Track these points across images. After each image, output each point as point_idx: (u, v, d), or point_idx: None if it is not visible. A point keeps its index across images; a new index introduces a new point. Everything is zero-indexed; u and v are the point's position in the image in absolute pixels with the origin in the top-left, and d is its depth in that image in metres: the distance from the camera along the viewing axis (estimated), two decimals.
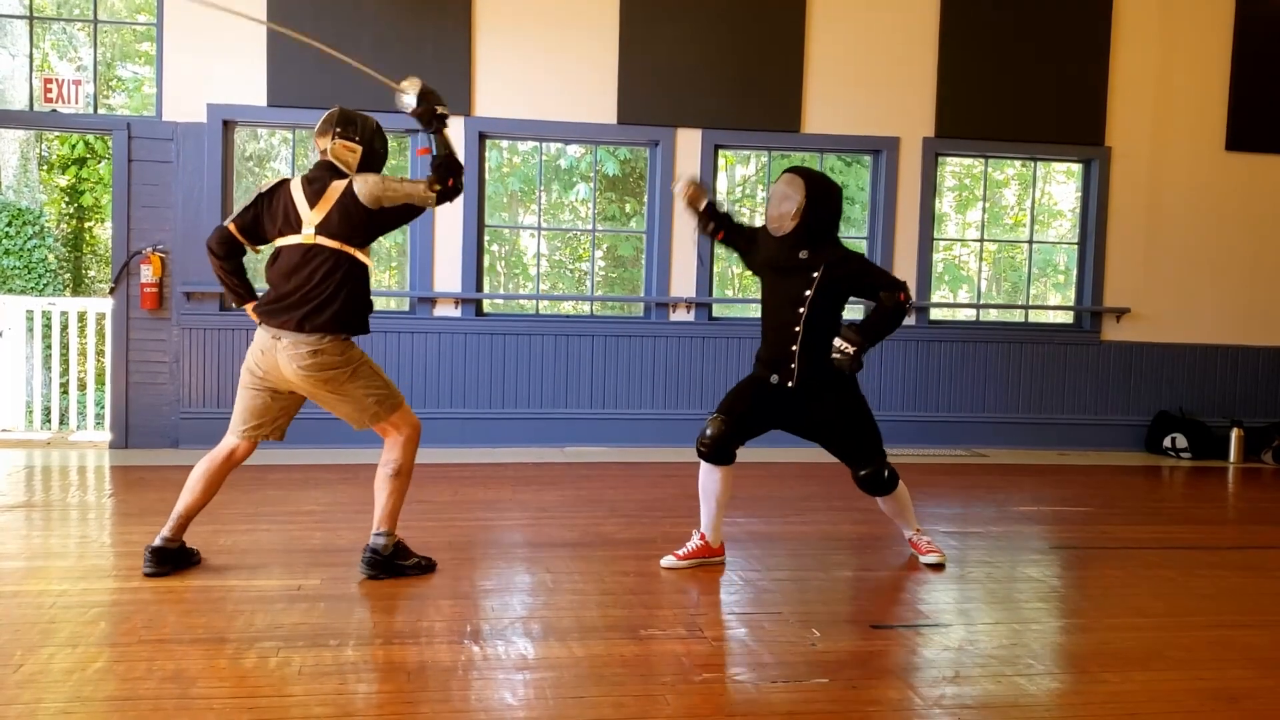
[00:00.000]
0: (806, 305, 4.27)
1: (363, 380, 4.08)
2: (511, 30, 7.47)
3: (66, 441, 7.56)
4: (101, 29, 12.56)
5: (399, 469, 4.14)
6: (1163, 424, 8.23)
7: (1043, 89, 8.04)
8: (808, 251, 4.27)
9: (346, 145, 4.10)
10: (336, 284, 4.00)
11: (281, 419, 4.23)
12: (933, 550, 4.59)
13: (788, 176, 4.32)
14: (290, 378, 4.04)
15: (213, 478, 4.16)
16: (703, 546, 4.45)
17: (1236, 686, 3.23)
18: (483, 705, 2.94)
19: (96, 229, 14.51)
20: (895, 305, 4.26)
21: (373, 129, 4.17)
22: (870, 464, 4.41)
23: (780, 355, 4.35)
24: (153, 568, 4.07)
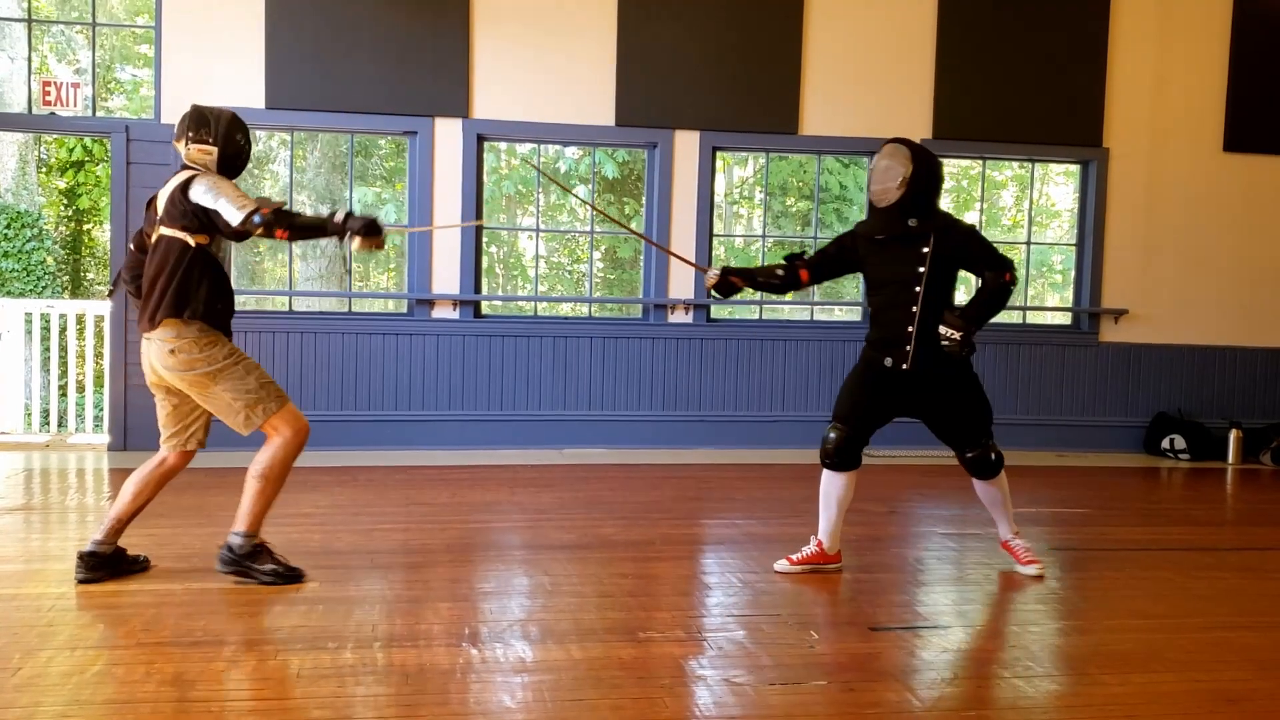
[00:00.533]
0: (923, 283, 4.16)
1: (228, 382, 3.94)
2: (509, 32, 7.47)
3: (65, 444, 7.55)
4: (100, 31, 12.56)
5: (265, 471, 4.00)
6: (1161, 425, 8.23)
7: (1040, 90, 8.04)
8: (916, 220, 4.15)
9: (202, 149, 4.01)
10: (170, 269, 3.90)
11: (194, 424, 4.16)
12: (1033, 560, 4.47)
13: (890, 148, 4.20)
14: (166, 379, 4.01)
15: (144, 488, 4.13)
16: (818, 553, 4.38)
17: (1235, 688, 3.23)
18: (481, 708, 2.94)
19: (95, 231, 14.51)
20: (1000, 286, 4.15)
21: (227, 123, 4.05)
22: (978, 446, 4.36)
23: (896, 337, 4.24)
24: (84, 573, 3.97)
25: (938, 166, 4.23)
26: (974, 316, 4.18)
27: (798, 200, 11.89)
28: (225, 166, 4.06)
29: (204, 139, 4.01)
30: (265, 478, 4.02)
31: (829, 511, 4.36)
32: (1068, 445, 8.24)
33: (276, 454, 4.02)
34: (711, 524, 5.40)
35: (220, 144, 4.02)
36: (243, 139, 4.11)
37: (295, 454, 4.06)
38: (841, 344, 7.93)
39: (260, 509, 4.05)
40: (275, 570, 4.05)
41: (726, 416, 7.82)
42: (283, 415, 4.02)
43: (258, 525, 4.07)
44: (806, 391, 7.91)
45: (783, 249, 12.28)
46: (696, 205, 7.72)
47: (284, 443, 4.02)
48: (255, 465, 4.03)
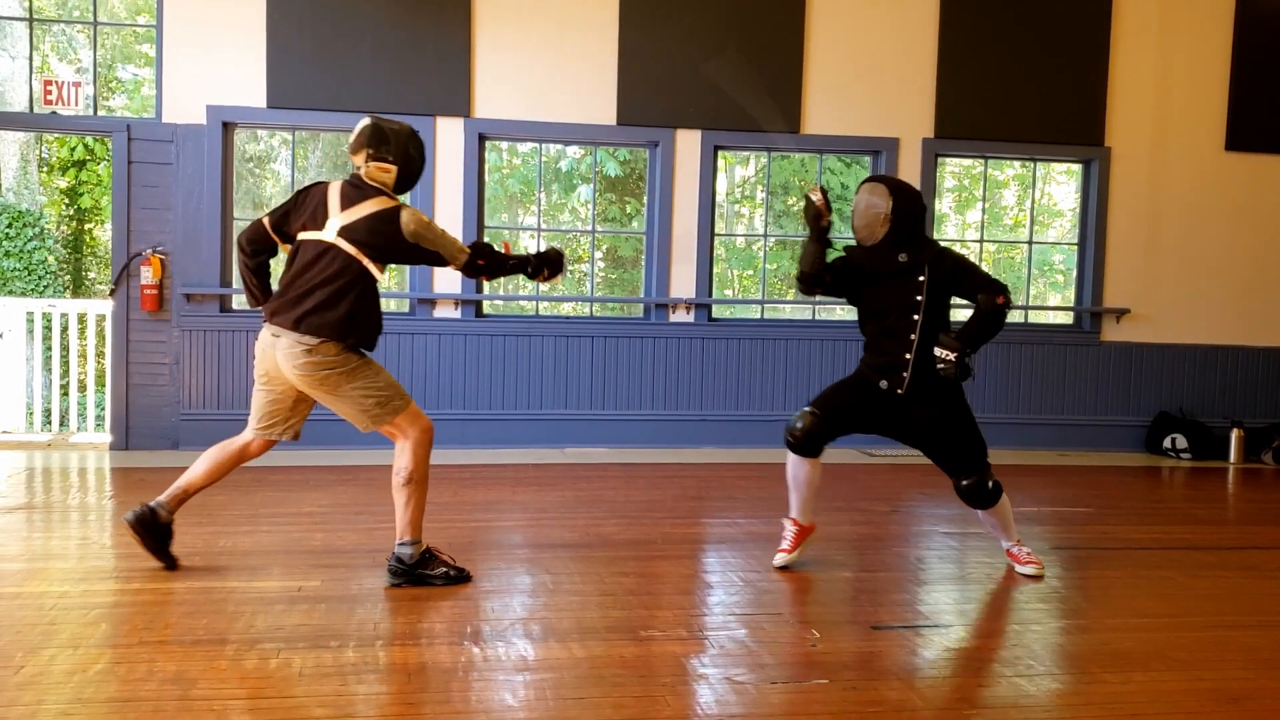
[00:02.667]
0: (921, 310, 4.26)
1: (361, 381, 4.00)
2: (511, 31, 7.47)
3: (67, 443, 7.56)
4: (101, 31, 12.57)
5: (410, 475, 4.05)
6: (1163, 424, 8.23)
7: (1042, 89, 8.04)
8: (906, 254, 4.28)
9: (381, 167, 4.02)
10: (341, 288, 3.93)
11: (294, 419, 4.21)
12: (1031, 560, 4.50)
13: (868, 186, 4.33)
14: (288, 376, 4.01)
15: (221, 464, 4.17)
16: (799, 530, 4.48)
17: (1237, 687, 3.23)
18: (483, 706, 2.94)
19: (96, 231, 14.52)
20: (994, 309, 4.23)
21: (405, 140, 4.06)
22: (973, 474, 4.37)
23: (894, 362, 4.32)
24: (133, 519, 4.05)
25: (917, 198, 4.34)
26: (969, 338, 4.24)
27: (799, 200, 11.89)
28: (402, 182, 4.11)
29: (384, 156, 4.03)
30: (411, 481, 4.04)
31: (798, 491, 4.45)
32: (1069, 444, 8.24)
33: (414, 455, 4.05)
34: (713, 523, 5.40)
35: (399, 163, 4.05)
36: (417, 154, 4.13)
37: (428, 452, 4.09)
38: (843, 343, 7.93)
39: (418, 515, 4.08)
40: (447, 573, 4.10)
41: (728, 416, 7.82)
42: (408, 415, 4.06)
43: (419, 530, 4.10)
44: (808, 391, 7.90)
45: (784, 249, 12.28)
46: (698, 204, 7.72)
47: (415, 443, 4.05)
48: (397, 475, 4.06)
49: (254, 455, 4.24)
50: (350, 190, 4.03)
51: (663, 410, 7.77)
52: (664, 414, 7.77)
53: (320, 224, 4.00)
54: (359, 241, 3.95)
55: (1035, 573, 4.46)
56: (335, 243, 3.96)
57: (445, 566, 4.11)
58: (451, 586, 4.06)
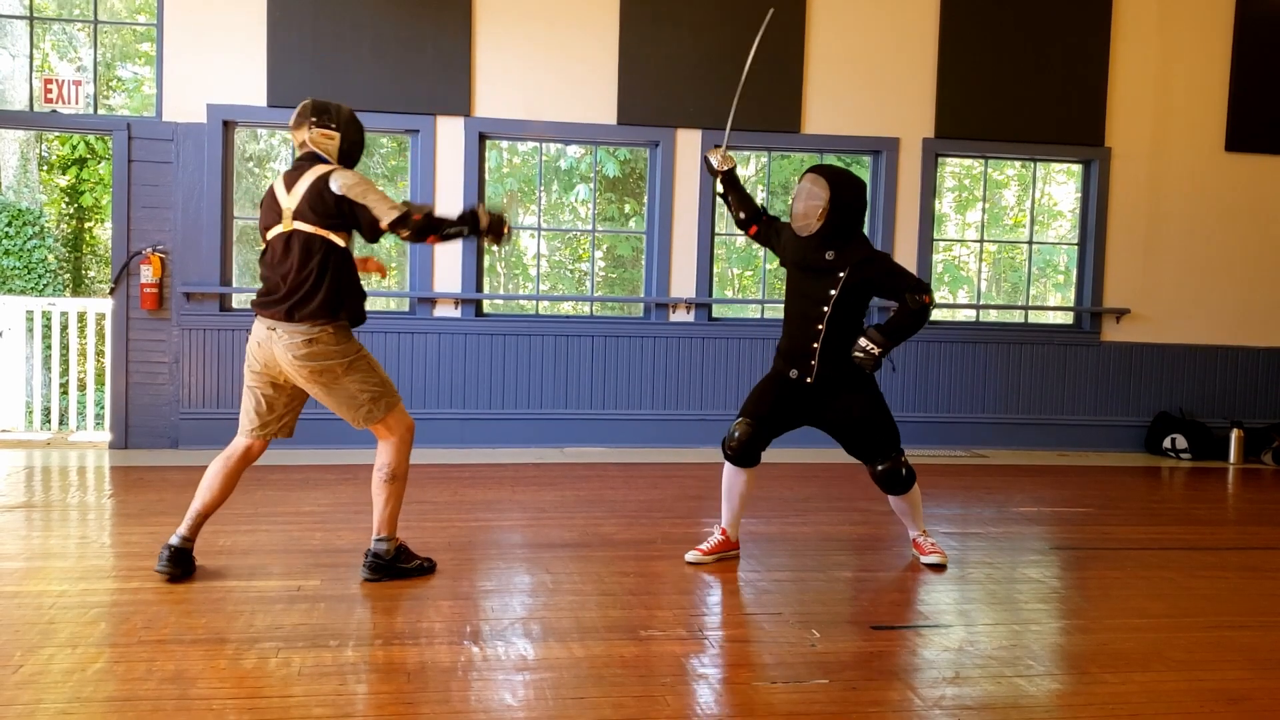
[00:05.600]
0: (831, 305, 4.32)
1: (358, 375, 4.02)
2: (511, 31, 7.47)
3: (66, 442, 7.56)
4: (101, 29, 12.56)
5: (393, 473, 4.12)
6: (1163, 425, 8.23)
7: (1042, 90, 8.04)
8: (834, 252, 4.31)
9: (325, 133, 4.07)
10: (318, 269, 3.94)
11: (287, 416, 4.21)
12: (935, 551, 4.61)
13: (811, 176, 4.34)
14: (286, 369, 4.01)
15: (229, 476, 4.16)
16: (723, 541, 4.56)
17: (1236, 687, 3.23)
18: (482, 706, 2.94)
19: (96, 229, 14.51)
20: (918, 308, 4.29)
21: (347, 116, 4.13)
22: (887, 459, 4.44)
23: (801, 351, 4.39)
24: (168, 568, 4.03)
25: (858, 194, 4.35)
26: (891, 333, 4.29)
27: None
28: (344, 155, 4.12)
29: (327, 124, 4.07)
30: (394, 478, 4.12)
31: (730, 503, 4.53)
32: (1069, 444, 8.24)
33: (395, 454, 4.12)
34: (713, 523, 5.39)
35: (343, 130, 4.09)
36: (358, 136, 4.17)
37: (409, 450, 4.17)
38: None
39: (395, 510, 4.15)
40: (420, 565, 4.23)
41: (728, 415, 7.81)
42: (396, 414, 4.12)
43: (395, 527, 4.17)
44: None
45: None
46: (698, 204, 7.72)
47: (399, 441, 4.12)
48: (379, 471, 4.11)
49: (256, 456, 4.24)
50: (290, 173, 4.07)
51: (663, 410, 7.77)
52: (664, 414, 7.77)
53: (278, 217, 4.04)
54: (309, 216, 3.96)
55: (938, 562, 4.54)
56: (294, 227, 3.98)
57: (417, 559, 4.25)
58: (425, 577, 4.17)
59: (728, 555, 4.58)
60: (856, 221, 4.36)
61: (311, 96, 4.23)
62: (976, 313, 8.92)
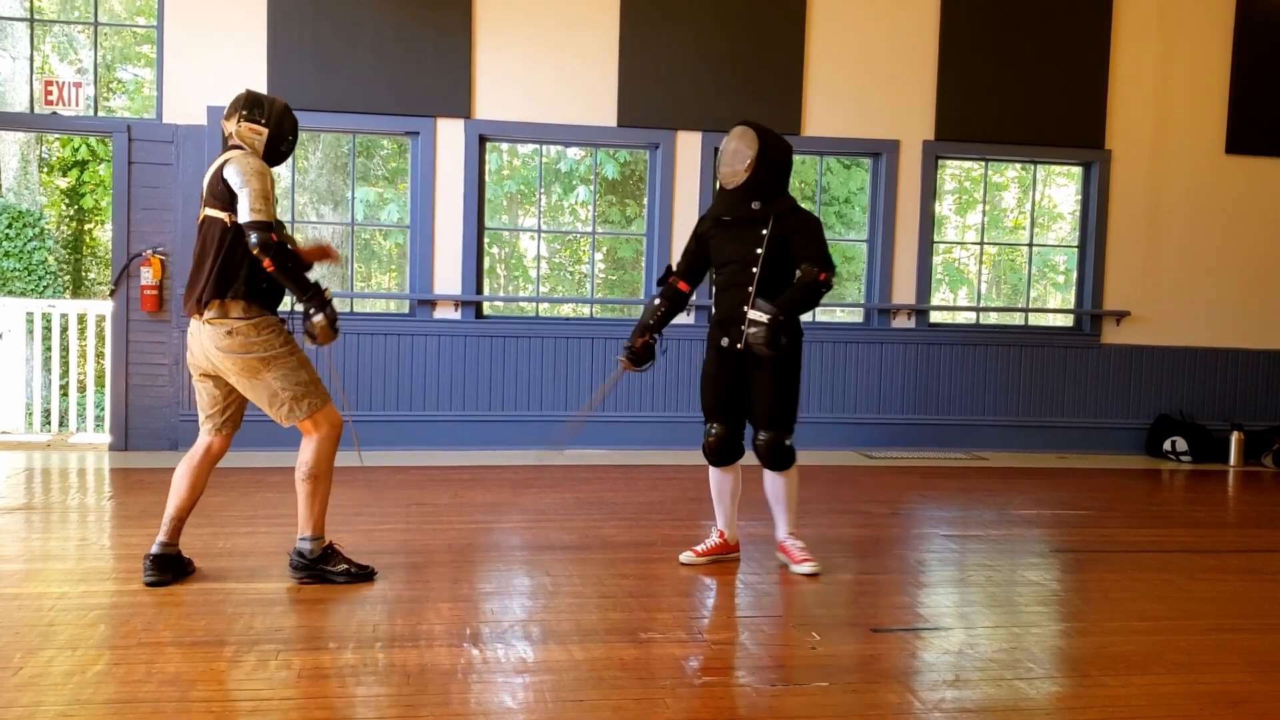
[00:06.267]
0: (759, 263, 4.24)
1: (279, 372, 3.95)
2: (512, 32, 7.47)
3: (66, 444, 7.55)
4: (102, 31, 12.57)
5: (312, 472, 4.04)
6: (1163, 427, 8.23)
7: (1043, 92, 8.04)
8: (760, 203, 4.24)
9: (252, 128, 4.04)
10: (216, 249, 3.91)
11: (230, 409, 4.14)
12: (807, 559, 4.40)
13: (739, 130, 4.28)
14: (213, 360, 3.97)
15: (196, 475, 4.11)
16: (721, 544, 4.55)
17: (1236, 690, 3.23)
18: (482, 708, 2.94)
19: (96, 231, 14.52)
20: (813, 281, 4.20)
21: (280, 110, 4.09)
22: (773, 430, 4.33)
23: (732, 316, 4.32)
24: (154, 576, 4.01)
25: (786, 151, 4.30)
26: (783, 304, 4.17)
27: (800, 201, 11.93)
28: (270, 152, 4.09)
29: (256, 119, 4.05)
30: (314, 477, 4.05)
31: (722, 505, 4.54)
32: (1069, 447, 8.23)
33: (318, 451, 4.04)
34: (712, 525, 5.39)
35: (271, 127, 4.06)
36: (291, 130, 4.14)
37: (334, 449, 4.09)
38: (843, 345, 7.93)
39: (319, 510, 4.08)
40: (348, 570, 4.11)
41: None
42: (325, 413, 4.05)
43: (322, 526, 4.11)
44: (808, 393, 7.90)
45: None
46: (698, 206, 7.72)
47: (322, 439, 4.04)
48: (300, 468, 4.05)
49: (219, 453, 4.17)
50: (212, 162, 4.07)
51: (663, 412, 7.77)
52: (664, 415, 7.77)
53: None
54: (211, 201, 3.95)
55: (812, 570, 4.35)
56: (204, 213, 3.99)
57: (346, 564, 4.12)
58: (356, 584, 4.06)
59: (725, 558, 4.57)
60: (783, 178, 4.30)
61: (249, 89, 4.19)
62: (977, 315, 8.93)
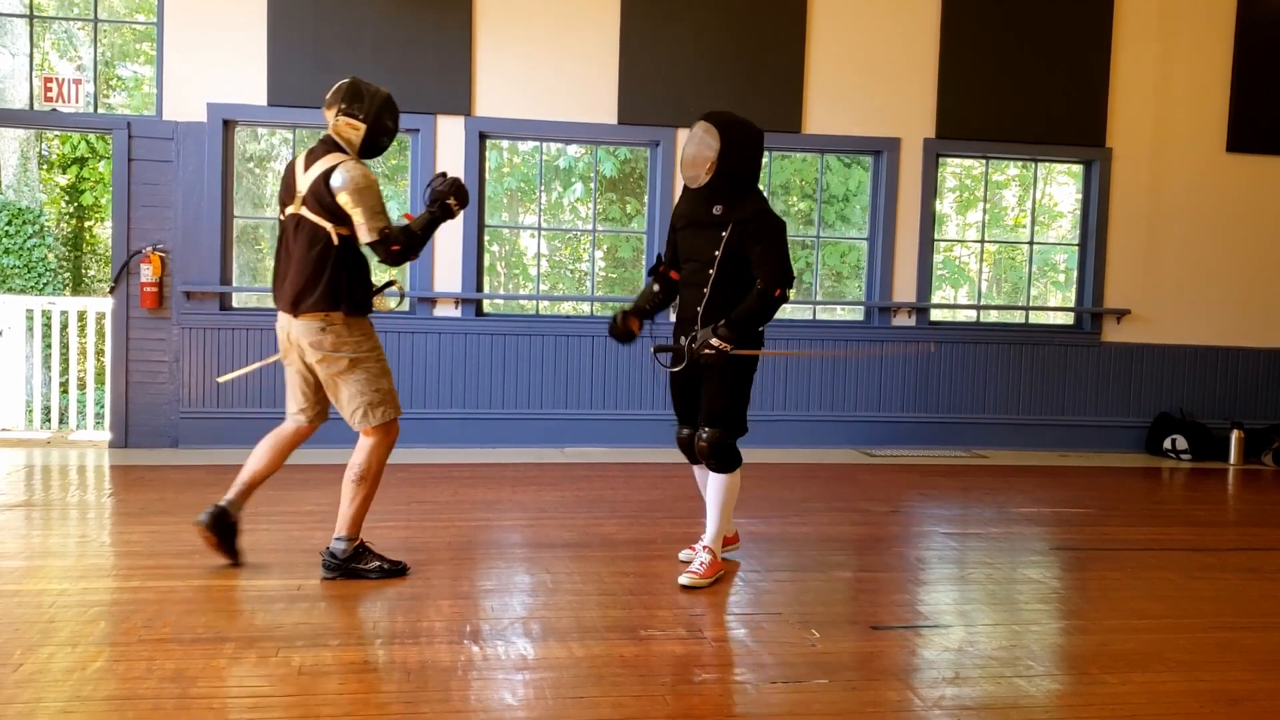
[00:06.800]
0: (715, 266, 4.12)
1: (364, 375, 4.02)
2: (512, 30, 7.46)
3: (66, 441, 7.55)
4: (102, 28, 12.56)
5: (364, 474, 4.07)
6: (1163, 425, 8.23)
7: (1044, 90, 8.04)
8: (722, 207, 4.10)
9: (350, 123, 4.02)
10: (318, 261, 3.94)
11: (322, 403, 4.24)
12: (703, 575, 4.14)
13: (704, 125, 4.10)
14: (304, 356, 4.05)
15: (277, 450, 4.21)
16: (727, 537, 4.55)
17: (1236, 689, 3.23)
18: (482, 705, 2.94)
19: (96, 228, 14.51)
20: (766, 299, 4.07)
21: (381, 103, 4.06)
22: (713, 428, 4.17)
23: (689, 316, 4.26)
24: (206, 519, 4.09)
25: (751, 149, 4.11)
26: (738, 325, 4.06)
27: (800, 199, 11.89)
28: (368, 146, 4.07)
29: (354, 113, 4.02)
30: (364, 479, 4.07)
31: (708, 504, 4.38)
32: (1070, 445, 8.23)
33: (373, 455, 4.08)
34: None
35: (369, 122, 4.03)
36: (392, 123, 4.12)
37: (385, 456, 4.13)
38: (843, 344, 7.93)
39: (360, 512, 4.09)
40: (380, 566, 4.11)
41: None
42: (394, 424, 4.12)
43: (358, 528, 4.11)
44: (808, 391, 7.91)
45: None
46: None
47: (377, 444, 4.08)
48: (352, 469, 4.08)
49: (305, 437, 4.27)
50: (310, 152, 4.05)
51: (663, 410, 7.76)
52: (664, 414, 7.75)
53: (292, 196, 4.03)
54: (313, 205, 3.96)
55: (690, 583, 4.11)
56: (300, 212, 3.99)
57: (379, 560, 4.14)
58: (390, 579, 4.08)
59: (728, 550, 4.57)
60: (749, 176, 4.14)
61: (355, 77, 4.13)
62: (977, 313, 8.92)
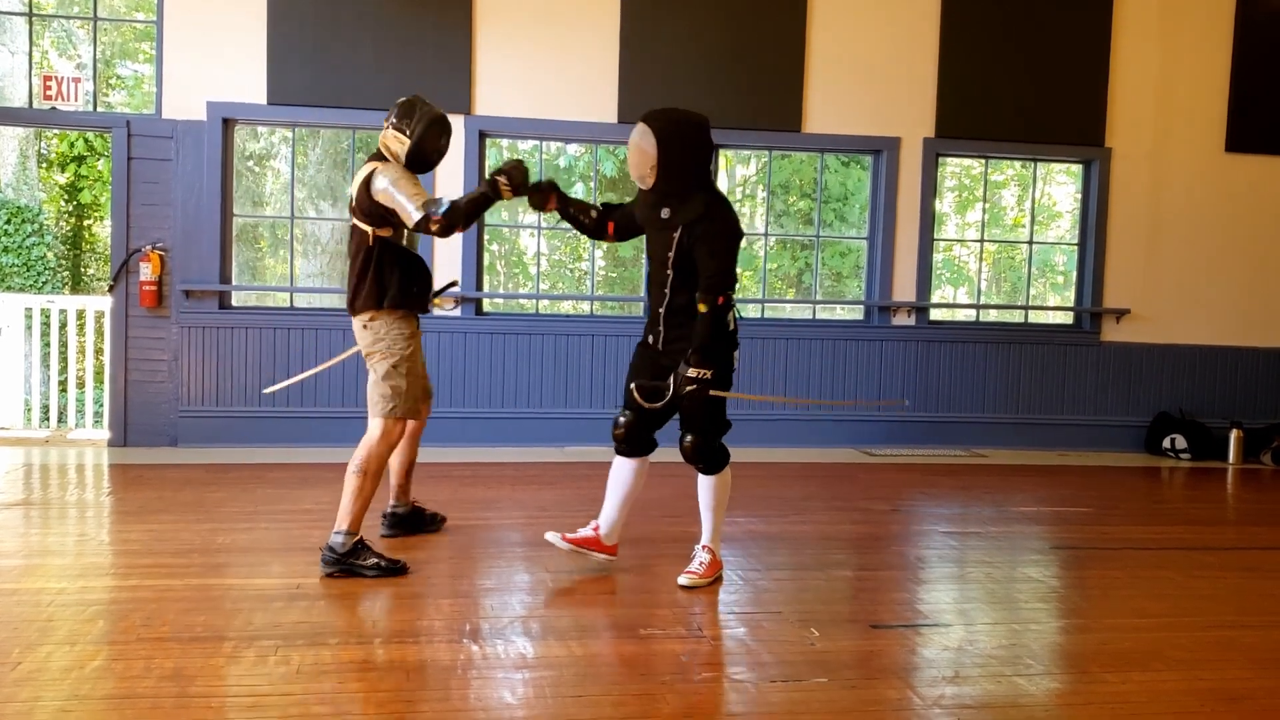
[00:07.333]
0: (671, 266, 4.03)
1: (394, 375, 4.20)
2: (512, 29, 7.46)
3: (65, 439, 7.55)
4: (101, 26, 12.55)
5: (362, 467, 4.13)
6: (1162, 425, 8.23)
7: (1043, 90, 8.03)
8: (669, 209, 4.00)
9: (396, 136, 4.20)
10: (363, 261, 4.19)
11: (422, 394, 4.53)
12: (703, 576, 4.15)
13: (639, 129, 3.98)
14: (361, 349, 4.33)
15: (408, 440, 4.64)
16: (593, 538, 4.30)
17: (1236, 687, 3.23)
18: (482, 704, 2.93)
19: (96, 227, 14.50)
20: (711, 313, 3.93)
21: (430, 120, 4.20)
22: (700, 434, 4.13)
23: (653, 315, 4.20)
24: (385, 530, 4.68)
25: (692, 145, 3.97)
26: (707, 350, 3.95)
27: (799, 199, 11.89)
28: (413, 160, 4.22)
29: (402, 127, 4.20)
30: (363, 473, 4.14)
31: (613, 498, 4.29)
32: (1069, 445, 8.23)
33: (373, 450, 4.17)
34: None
35: (414, 138, 4.17)
36: (442, 141, 4.28)
37: (389, 452, 4.26)
38: (844, 342, 7.92)
39: (360, 507, 4.14)
40: (378, 564, 4.13)
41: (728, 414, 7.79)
42: (400, 423, 4.25)
43: (358, 523, 4.15)
44: (808, 389, 7.91)
45: (785, 248, 12.26)
46: None
47: (381, 439, 4.19)
48: (353, 461, 4.17)
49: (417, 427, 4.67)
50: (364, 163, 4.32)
51: None
52: None
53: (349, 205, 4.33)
54: (357, 212, 4.21)
55: (689, 583, 4.10)
56: (352, 220, 4.27)
57: (377, 559, 4.14)
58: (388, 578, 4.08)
59: (593, 555, 4.29)
60: (692, 170, 3.98)
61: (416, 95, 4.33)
62: (976, 313, 8.92)
